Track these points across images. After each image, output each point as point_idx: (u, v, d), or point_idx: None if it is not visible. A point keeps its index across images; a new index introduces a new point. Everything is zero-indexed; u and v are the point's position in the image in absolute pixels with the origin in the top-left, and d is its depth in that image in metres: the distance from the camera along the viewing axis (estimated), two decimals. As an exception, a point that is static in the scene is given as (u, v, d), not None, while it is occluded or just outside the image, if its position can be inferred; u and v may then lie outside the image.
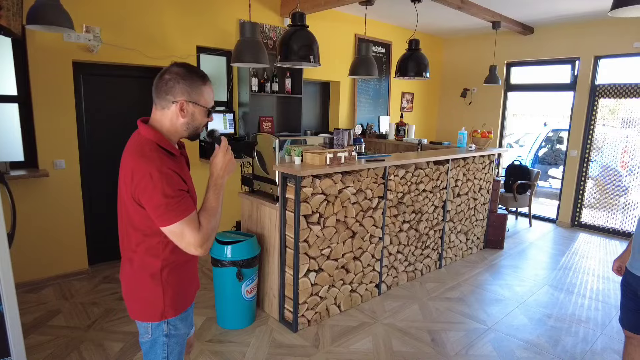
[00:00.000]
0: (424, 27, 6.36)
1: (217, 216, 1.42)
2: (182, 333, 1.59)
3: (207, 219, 1.39)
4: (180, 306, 1.54)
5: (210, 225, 1.39)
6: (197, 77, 1.42)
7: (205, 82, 1.44)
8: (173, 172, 1.33)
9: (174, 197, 1.31)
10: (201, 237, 1.35)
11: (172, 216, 1.31)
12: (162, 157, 1.35)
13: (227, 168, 1.46)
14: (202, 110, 1.44)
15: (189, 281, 1.59)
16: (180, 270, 1.52)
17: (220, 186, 1.45)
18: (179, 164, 1.44)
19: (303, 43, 3.17)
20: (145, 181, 1.30)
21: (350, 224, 3.25)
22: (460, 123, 6.72)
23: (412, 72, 4.14)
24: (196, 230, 1.34)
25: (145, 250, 1.44)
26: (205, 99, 1.44)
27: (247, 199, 3.35)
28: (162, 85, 1.39)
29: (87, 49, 3.60)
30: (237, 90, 4.73)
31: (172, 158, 1.40)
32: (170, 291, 1.49)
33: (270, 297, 3.24)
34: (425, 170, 3.88)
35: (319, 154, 3.02)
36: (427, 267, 4.20)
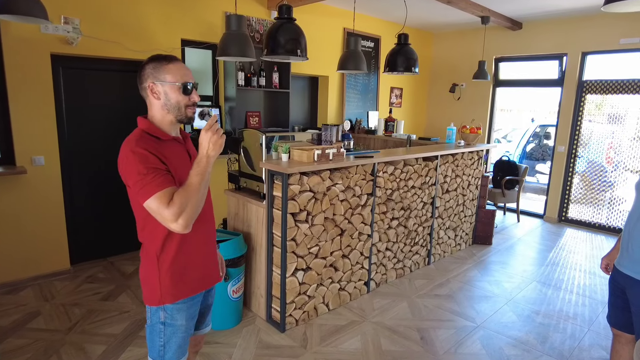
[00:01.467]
0: (414, 21, 6.31)
1: (194, 192, 1.37)
2: (180, 324, 1.59)
3: (182, 194, 1.36)
4: (178, 294, 1.55)
5: (185, 200, 1.35)
6: (161, 58, 1.47)
7: (169, 61, 1.47)
8: (147, 152, 1.38)
9: (147, 174, 1.35)
10: (173, 211, 1.33)
11: (145, 192, 1.35)
12: (141, 140, 1.41)
13: (211, 146, 1.38)
14: (173, 87, 1.46)
15: (192, 270, 1.58)
16: (179, 257, 1.53)
17: (204, 164, 1.39)
18: (168, 148, 1.47)
19: (290, 36, 3.09)
20: (124, 162, 1.40)
21: (339, 222, 3.20)
22: (449, 119, 6.71)
23: (401, 67, 4.09)
24: (166, 204, 1.34)
25: (147, 234, 1.51)
26: (173, 76, 1.46)
27: (234, 196, 3.28)
28: (139, 78, 1.48)
29: (66, 41, 3.47)
30: (223, 85, 4.63)
31: (158, 142, 1.46)
32: (167, 277, 1.52)
33: (258, 296, 3.18)
34: (414, 166, 3.85)
35: (306, 150, 2.96)
36: (416, 264, 4.18)
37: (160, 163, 1.39)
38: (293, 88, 5.36)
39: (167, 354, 1.61)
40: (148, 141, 1.43)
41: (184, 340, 1.63)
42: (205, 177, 1.40)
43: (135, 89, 1.52)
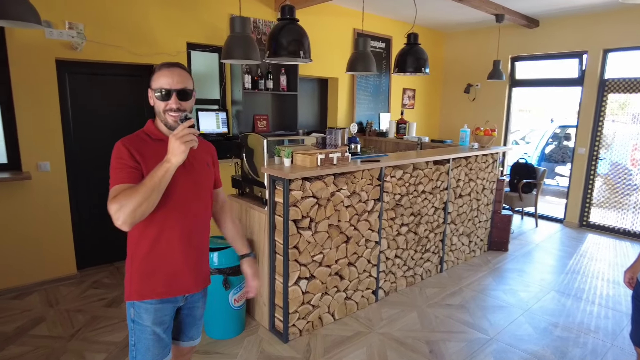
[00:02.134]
0: (425, 21, 6.16)
1: (140, 192, 1.35)
2: (147, 326, 1.57)
3: (127, 192, 1.36)
4: (144, 293, 1.56)
5: (126, 199, 1.34)
6: (161, 66, 1.53)
7: (160, 68, 1.52)
8: (125, 147, 1.46)
9: (115, 168, 1.44)
10: (113, 206, 1.35)
11: (110, 183, 1.44)
12: (129, 138, 1.50)
13: (172, 151, 1.37)
14: (153, 93, 1.52)
15: (160, 272, 1.56)
16: (150, 255, 1.54)
17: (164, 169, 1.38)
18: (157, 148, 1.50)
19: (293, 38, 3.00)
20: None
21: (344, 229, 3.09)
22: (464, 120, 6.53)
23: (411, 68, 3.96)
24: (110, 199, 1.37)
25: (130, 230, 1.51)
26: (156, 82, 1.51)
27: (237, 202, 3.20)
28: None
29: (71, 46, 3.46)
30: (230, 88, 4.58)
31: (146, 141, 1.53)
32: (136, 273, 1.55)
33: (261, 305, 3.09)
34: (424, 170, 3.71)
35: (309, 155, 2.86)
36: (427, 272, 4.03)
37: (131, 160, 1.44)
38: (301, 91, 5.29)
39: (138, 356, 1.58)
40: (135, 139, 1.52)
41: (155, 345, 1.59)
42: (157, 181, 1.37)
43: (140, 94, 1.61)
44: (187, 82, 1.53)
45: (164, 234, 1.53)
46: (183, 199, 1.55)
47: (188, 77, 1.55)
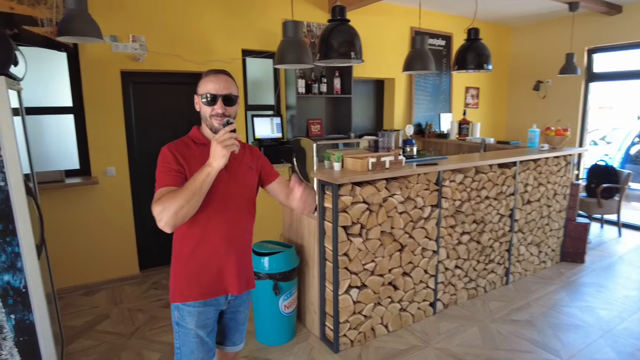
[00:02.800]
0: (488, 15, 5.79)
1: (182, 195, 1.38)
2: (190, 329, 1.59)
3: (170, 195, 1.39)
4: (187, 295, 1.57)
5: (169, 201, 1.37)
6: (208, 72, 1.57)
7: (209, 74, 1.56)
8: (169, 152, 1.52)
9: (160, 172, 1.49)
10: (156, 209, 1.38)
11: (155, 186, 1.48)
12: (174, 142, 1.57)
13: (214, 155, 1.40)
14: (200, 99, 1.56)
15: (203, 273, 1.58)
16: (191, 257, 1.57)
17: (206, 172, 1.40)
18: (201, 152, 1.54)
19: (343, 39, 2.92)
20: None
21: (398, 236, 2.94)
22: (533, 119, 6.04)
23: (472, 65, 3.71)
24: (154, 201, 1.40)
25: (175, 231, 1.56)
26: (202, 87, 1.55)
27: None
28: None
29: (134, 58, 3.65)
30: (284, 93, 4.59)
31: (193, 145, 1.58)
32: (180, 275, 1.59)
33: (311, 312, 3.03)
34: (488, 174, 3.45)
35: (360, 158, 2.76)
36: (491, 284, 3.74)
37: (175, 163, 1.49)
38: (356, 93, 5.19)
39: (182, 359, 1.60)
40: (180, 144, 1.57)
41: (199, 349, 1.60)
42: (199, 184, 1.40)
43: None
44: (232, 89, 1.57)
45: (206, 235, 1.56)
46: (225, 201, 1.57)
47: (233, 84, 1.59)
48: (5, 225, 1.88)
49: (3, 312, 1.94)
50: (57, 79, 3.57)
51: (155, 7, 3.69)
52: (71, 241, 3.62)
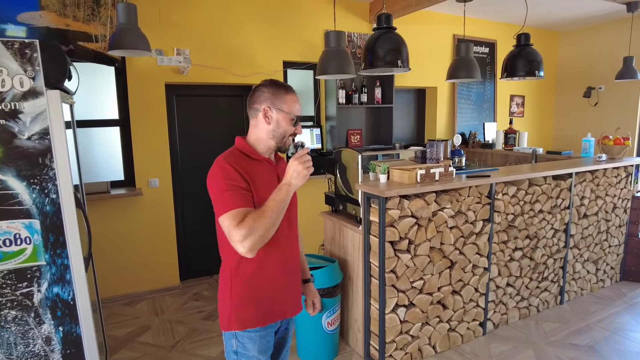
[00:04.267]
0: (535, 21, 5.55)
1: (267, 217, 1.34)
2: (253, 356, 1.51)
3: (254, 216, 1.33)
4: (246, 322, 1.48)
5: (256, 223, 1.31)
6: (280, 86, 1.49)
7: (288, 92, 1.49)
8: (232, 168, 1.38)
9: (226, 190, 1.35)
10: (241, 232, 1.30)
11: (221, 208, 1.36)
12: (230, 157, 1.43)
13: (294, 175, 1.38)
14: (286, 117, 1.47)
15: (266, 297, 1.50)
16: (253, 280, 1.47)
17: (284, 192, 1.38)
18: (257, 168, 1.46)
19: (390, 47, 2.83)
20: (210, 176, 1.42)
21: (448, 252, 2.79)
22: (584, 128, 5.72)
23: (522, 72, 3.53)
24: (236, 224, 1.31)
25: (226, 250, 1.48)
26: (289, 107, 1.48)
27: (330, 219, 3.09)
28: (251, 97, 1.50)
29: (178, 70, 3.70)
30: (324, 104, 4.54)
31: (248, 160, 1.46)
32: (237, 300, 1.47)
33: (355, 330, 2.91)
34: (542, 186, 3.24)
35: (408, 170, 2.64)
36: (544, 303, 3.49)
37: (242, 181, 1.38)
38: (397, 102, 5.08)
39: None
40: (238, 158, 1.45)
41: None
42: (281, 204, 1.37)
43: (240, 113, 1.55)
44: None
45: (267, 258, 1.48)
46: (282, 222, 1.50)
47: None
48: (56, 237, 1.89)
49: (52, 324, 1.94)
50: (105, 92, 3.67)
51: (199, 21, 3.74)
52: (115, 251, 3.68)
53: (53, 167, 1.84)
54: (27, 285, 1.88)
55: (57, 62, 1.81)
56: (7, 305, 1.86)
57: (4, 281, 1.84)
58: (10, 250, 1.83)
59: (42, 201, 1.85)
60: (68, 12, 2.91)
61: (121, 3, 2.33)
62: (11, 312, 1.87)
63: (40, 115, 1.80)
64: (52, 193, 1.86)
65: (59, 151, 1.85)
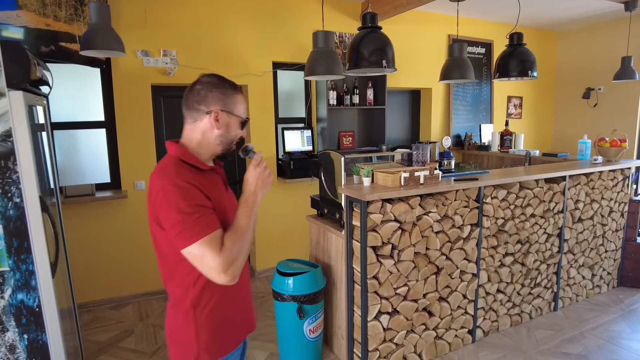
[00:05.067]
0: (533, 20, 5.47)
1: (245, 237, 1.22)
2: None
3: (233, 239, 1.18)
4: (218, 351, 1.33)
5: (236, 247, 1.18)
6: (229, 85, 1.32)
7: (236, 91, 1.34)
8: (191, 185, 1.18)
9: (191, 213, 1.14)
10: (223, 260, 1.14)
11: (189, 235, 1.13)
12: (180, 171, 1.22)
13: (259, 183, 1.28)
14: (237, 120, 1.33)
15: (232, 322, 1.37)
16: (219, 308, 1.31)
17: (252, 203, 1.26)
18: (208, 180, 1.29)
19: (375, 47, 2.76)
20: (160, 197, 1.17)
21: (434, 258, 2.71)
22: (583, 130, 5.61)
23: (515, 72, 3.45)
24: (217, 252, 1.14)
25: (176, 283, 1.27)
26: (239, 109, 1.33)
27: (315, 223, 3.02)
28: (194, 96, 1.29)
29: (165, 72, 3.65)
30: (315, 106, 4.48)
31: (197, 172, 1.26)
32: (205, 333, 1.29)
33: (339, 337, 2.83)
34: (534, 190, 3.15)
35: (391, 173, 2.57)
36: (537, 310, 3.40)
37: (205, 199, 1.19)
38: (391, 104, 5.01)
39: None
40: (187, 171, 1.23)
41: None
42: (253, 218, 1.26)
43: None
44: None
45: None
46: None
47: None
48: (21, 242, 1.84)
49: (16, 332, 1.89)
50: (90, 94, 3.62)
51: (186, 21, 3.69)
52: (101, 254, 3.63)
53: (17, 170, 1.79)
54: (-10, 291, 1.82)
55: (20, 62, 1.76)
56: (-30, 312, 1.81)
57: (-33, 287, 1.79)
58: (-28, 256, 1.78)
59: (5, 205, 1.79)
60: (48, 12, 2.86)
61: (93, 2, 2.27)
62: (-27, 319, 1.82)
63: (2, 117, 1.75)
64: (15, 197, 1.80)
65: (22, 154, 1.80)
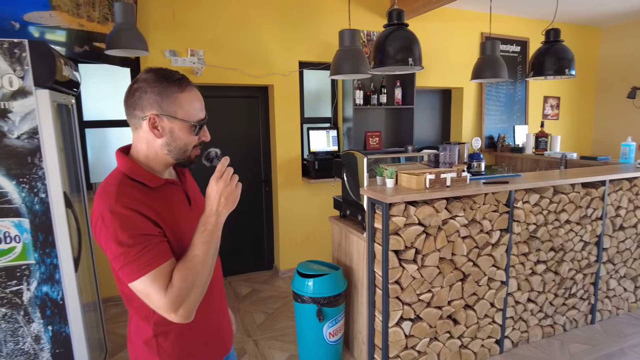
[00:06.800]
0: (572, 16, 5.20)
1: (200, 271, 1.01)
2: None
3: (183, 275, 0.98)
4: None
5: (187, 284, 0.98)
6: (170, 82, 1.06)
7: (182, 89, 1.07)
8: (132, 212, 0.98)
9: (132, 245, 0.96)
10: (170, 299, 0.96)
11: (131, 271, 0.96)
12: (123, 192, 1.01)
13: (222, 200, 1.04)
14: (183, 126, 1.08)
15: (202, 348, 1.20)
16: (185, 335, 1.14)
17: (212, 226, 1.03)
18: (162, 197, 1.09)
19: (401, 44, 2.68)
20: (98, 225, 0.99)
21: (460, 264, 2.60)
22: (628, 132, 5.29)
23: (551, 70, 3.28)
24: (163, 290, 0.96)
25: (135, 309, 1.11)
26: (186, 110, 1.07)
27: (337, 224, 2.97)
28: (129, 98, 1.08)
29: (192, 71, 3.69)
30: (341, 105, 4.42)
31: (147, 191, 1.06)
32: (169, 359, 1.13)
33: (359, 342, 2.77)
34: (569, 194, 2.98)
35: (416, 175, 2.48)
36: (572, 322, 3.22)
37: (151, 226, 1.01)
38: (420, 104, 4.89)
39: None
40: (132, 191, 1.04)
41: None
42: (213, 245, 1.04)
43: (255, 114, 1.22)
44: None
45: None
46: None
47: None
48: (46, 236, 1.88)
49: (41, 323, 1.94)
50: (121, 93, 3.69)
51: (213, 22, 3.72)
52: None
53: (42, 166, 1.84)
54: (16, 283, 1.88)
55: (47, 61, 1.81)
56: (-2, 303, 1.87)
57: (-6, 279, 1.85)
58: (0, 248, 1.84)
59: (32, 200, 1.84)
60: (82, 12, 2.95)
61: (117, 2, 2.32)
62: (1, 309, 1.88)
63: (30, 115, 1.80)
64: (41, 192, 1.85)
65: (48, 151, 1.84)
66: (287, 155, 4.15)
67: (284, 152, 4.13)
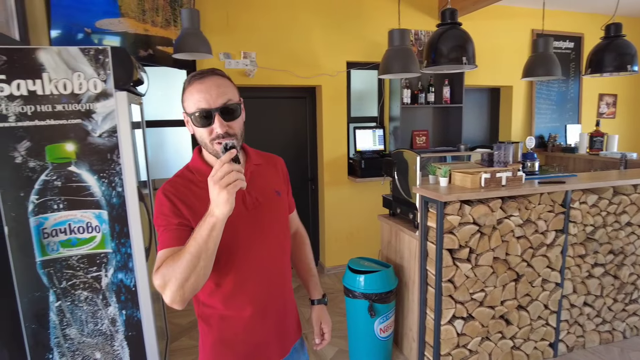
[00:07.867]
0: (629, 9, 4.95)
1: (185, 262, 1.00)
2: None
3: (167, 263, 1.03)
4: None
5: (170, 271, 1.01)
6: (188, 79, 1.13)
7: (191, 83, 1.10)
8: (167, 200, 1.12)
9: (158, 225, 1.13)
10: (156, 281, 1.04)
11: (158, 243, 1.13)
12: (174, 180, 1.18)
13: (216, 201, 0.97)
14: (189, 119, 1.13)
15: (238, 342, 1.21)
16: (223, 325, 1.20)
17: (208, 225, 0.99)
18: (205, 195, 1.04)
19: (455, 43, 2.69)
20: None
21: (514, 264, 2.57)
22: (692, 131, 4.99)
23: (611, 66, 3.16)
24: (155, 268, 1.06)
25: None
26: (188, 103, 1.11)
27: (387, 223, 3.00)
28: None
29: (245, 73, 3.83)
30: (388, 104, 4.44)
31: (192, 186, 1.16)
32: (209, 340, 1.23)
33: (409, 339, 2.79)
34: (630, 196, 2.87)
35: (471, 174, 2.48)
36: (633, 329, 3.09)
37: (175, 215, 1.10)
38: (468, 102, 4.82)
39: None
40: (181, 183, 1.16)
41: None
42: (202, 243, 0.99)
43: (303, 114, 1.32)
44: (229, 93, 1.10)
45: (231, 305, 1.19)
46: (251, 252, 1.19)
47: (229, 86, 1.13)
48: (121, 227, 2.04)
49: (117, 307, 2.10)
50: (177, 94, 3.90)
51: (264, 24, 3.84)
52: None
53: (119, 162, 1.99)
54: (96, 269, 2.04)
55: (125, 66, 1.95)
56: (80, 287, 2.04)
57: (78, 264, 2.02)
58: (83, 237, 2.01)
59: (110, 194, 2.00)
60: (147, 18, 3.13)
61: (184, 9, 2.46)
62: (83, 292, 2.05)
63: (110, 115, 1.95)
64: (118, 186, 2.00)
65: (124, 148, 1.99)
66: (334, 154, 4.22)
67: (331, 151, 4.20)
